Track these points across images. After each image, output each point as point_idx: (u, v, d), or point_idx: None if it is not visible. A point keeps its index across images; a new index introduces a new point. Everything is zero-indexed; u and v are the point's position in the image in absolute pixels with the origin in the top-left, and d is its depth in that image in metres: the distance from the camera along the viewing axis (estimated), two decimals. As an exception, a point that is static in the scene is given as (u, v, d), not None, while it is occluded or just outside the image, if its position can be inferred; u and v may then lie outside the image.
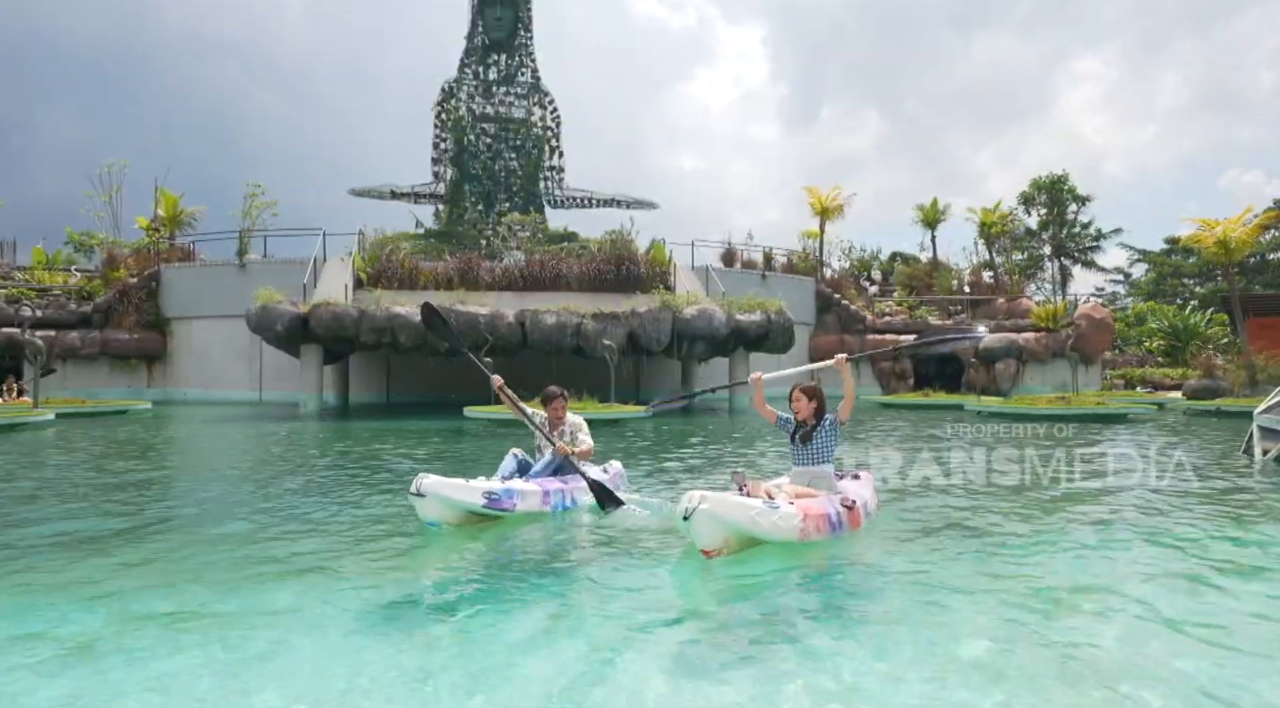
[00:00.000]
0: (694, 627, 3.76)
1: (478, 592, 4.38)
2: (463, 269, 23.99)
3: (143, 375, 26.65)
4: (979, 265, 38.10)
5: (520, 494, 6.08)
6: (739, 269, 30.36)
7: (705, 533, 4.67)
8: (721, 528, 4.69)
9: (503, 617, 3.93)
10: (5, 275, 29.59)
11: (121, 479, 8.83)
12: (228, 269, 26.94)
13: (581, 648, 3.44)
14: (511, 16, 32.26)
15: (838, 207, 35.89)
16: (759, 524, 4.78)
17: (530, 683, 3.06)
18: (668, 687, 3.02)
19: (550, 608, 4.06)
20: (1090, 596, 4.30)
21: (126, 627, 3.72)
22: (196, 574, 4.71)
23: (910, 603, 4.10)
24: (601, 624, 3.77)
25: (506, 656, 3.37)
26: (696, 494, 4.73)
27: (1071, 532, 5.88)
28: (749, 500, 4.88)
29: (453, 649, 3.46)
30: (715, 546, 4.71)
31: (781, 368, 26.84)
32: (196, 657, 3.33)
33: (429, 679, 3.10)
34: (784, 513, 4.91)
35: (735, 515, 4.72)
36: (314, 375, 21.07)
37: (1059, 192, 47.29)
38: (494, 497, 5.89)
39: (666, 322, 20.86)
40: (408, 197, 32.79)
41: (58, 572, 4.78)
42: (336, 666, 3.25)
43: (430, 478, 5.72)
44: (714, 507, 4.64)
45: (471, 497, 5.82)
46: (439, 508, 5.72)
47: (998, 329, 30.80)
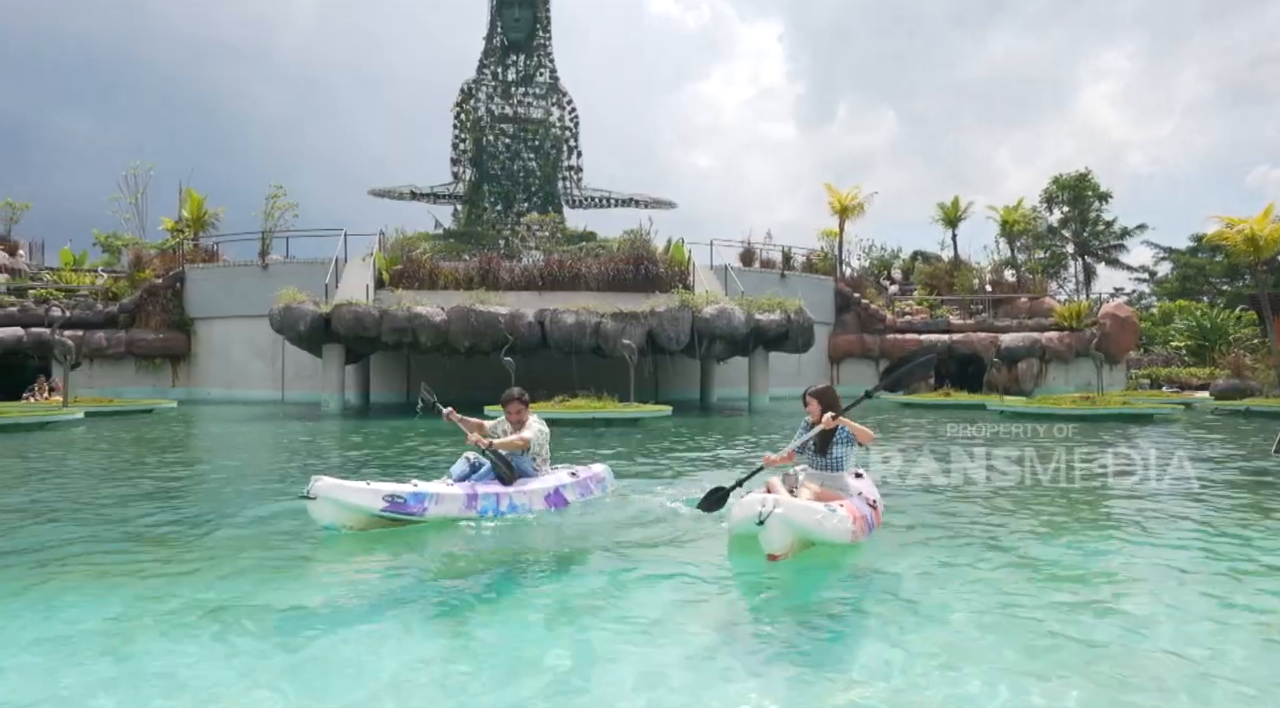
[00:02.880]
0: (726, 624, 3.75)
1: (482, 589, 4.38)
2: (482, 269, 24.10)
3: (168, 375, 26.98)
4: (1001, 264, 37.75)
5: (435, 498, 5.71)
6: (758, 268, 30.28)
7: (777, 537, 4.65)
8: (791, 532, 4.70)
9: (515, 613, 3.95)
10: (34, 276, 30.06)
11: (157, 476, 8.96)
12: (251, 270, 27.21)
13: (615, 646, 3.44)
14: (530, 17, 32.37)
15: (857, 205, 35.69)
16: (824, 527, 4.80)
17: (549, 679, 3.08)
18: (698, 686, 3.02)
19: (570, 603, 4.07)
20: (1122, 589, 4.26)
21: (156, 620, 3.78)
22: (221, 567, 4.77)
23: (942, 601, 4.07)
24: (635, 621, 3.76)
25: (530, 652, 3.39)
26: (769, 498, 4.72)
27: (1093, 529, 5.82)
28: (814, 505, 4.91)
29: (472, 645, 3.47)
30: (783, 549, 4.70)
31: (800, 367, 26.78)
32: (207, 647, 3.38)
33: (454, 674, 3.12)
34: (841, 517, 4.94)
35: (804, 519, 4.74)
36: (335, 375, 21.24)
37: (1082, 189, 46.78)
38: (397, 500, 5.51)
39: (685, 321, 20.84)
40: (427, 197, 32.97)
41: (113, 566, 4.86)
42: (386, 658, 3.29)
43: (325, 480, 5.40)
44: (787, 511, 4.64)
45: (370, 500, 5.44)
46: (335, 512, 5.38)
47: (1020, 328, 30.51)
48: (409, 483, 5.88)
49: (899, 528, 5.82)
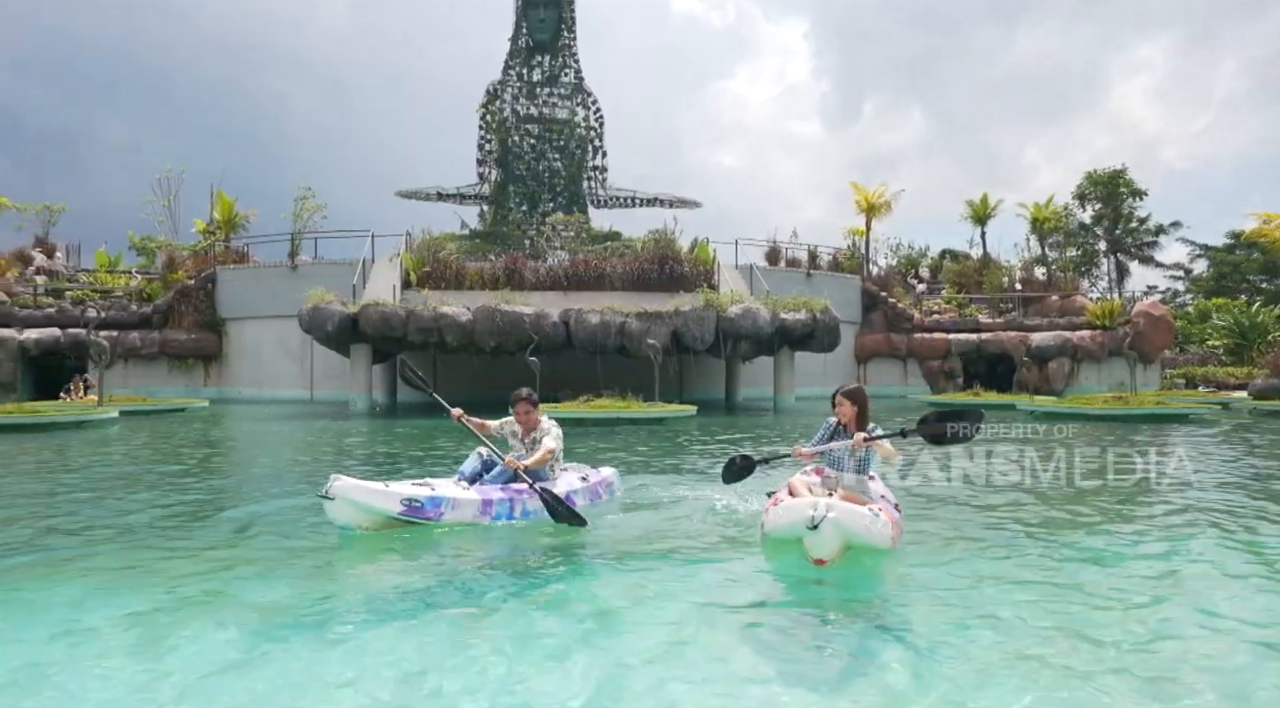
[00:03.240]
0: (755, 626, 3.71)
1: (508, 592, 4.36)
2: (508, 269, 24.20)
3: (199, 375, 27.38)
4: (1031, 262, 37.23)
5: (451, 502, 5.66)
6: (783, 268, 30.13)
7: (830, 543, 4.51)
8: (841, 536, 4.56)
9: (546, 614, 3.94)
10: (71, 278, 30.66)
11: (188, 474, 9.09)
12: (280, 270, 27.54)
13: (653, 643, 3.42)
14: (555, 18, 32.43)
15: (884, 203, 35.41)
16: (871, 532, 4.67)
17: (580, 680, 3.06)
18: (733, 688, 3.00)
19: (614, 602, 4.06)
20: (1156, 595, 4.16)
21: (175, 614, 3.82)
22: (248, 562, 4.82)
23: (973, 607, 4.00)
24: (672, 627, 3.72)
25: (555, 653, 3.37)
26: (821, 502, 4.56)
27: (1118, 531, 5.70)
28: (861, 509, 4.79)
29: (499, 645, 3.47)
30: (833, 554, 4.56)
31: (826, 367, 26.58)
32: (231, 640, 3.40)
33: (484, 670, 3.11)
34: (884, 522, 4.85)
35: (856, 523, 4.62)
36: (363, 375, 21.44)
37: (1115, 186, 45.97)
38: (415, 505, 5.48)
39: (710, 321, 20.78)
40: (453, 198, 33.18)
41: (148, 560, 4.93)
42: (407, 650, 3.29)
43: (343, 480, 5.37)
44: (840, 515, 4.50)
45: (387, 503, 5.41)
46: (352, 512, 5.35)
47: (1051, 327, 30.07)
48: (424, 485, 5.86)
49: (926, 533, 5.73)
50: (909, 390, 28.58)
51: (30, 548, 5.37)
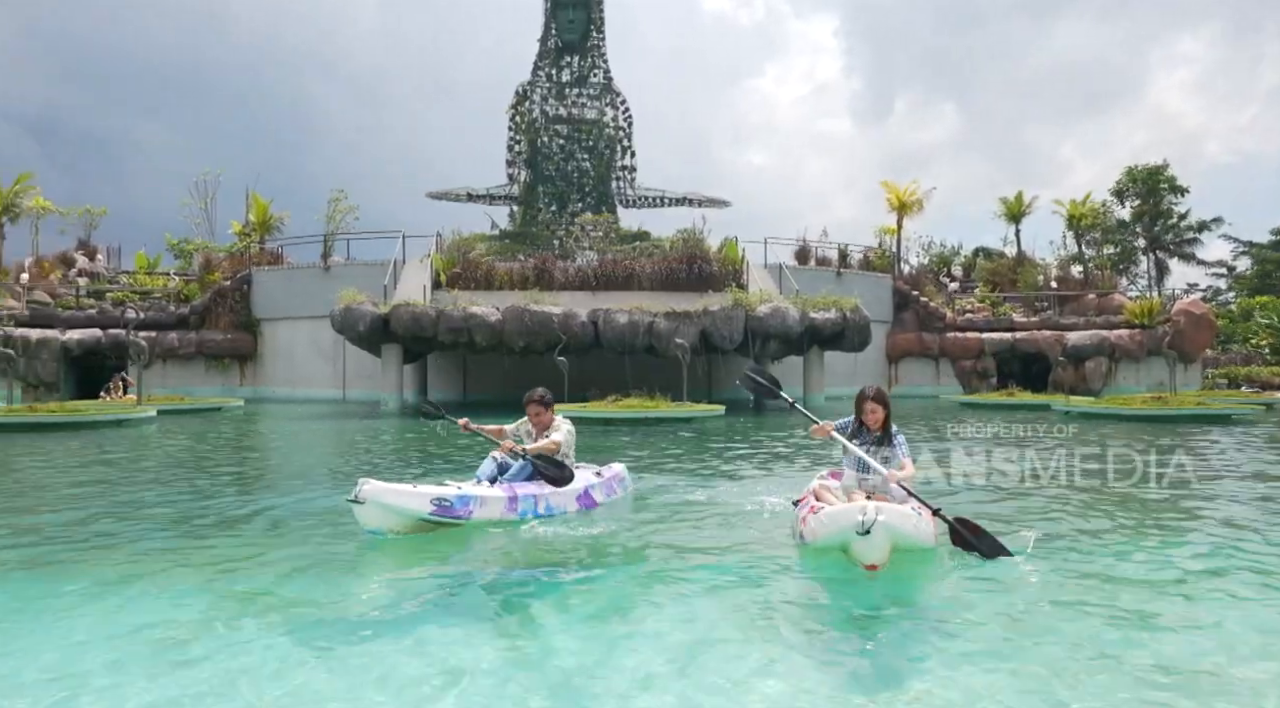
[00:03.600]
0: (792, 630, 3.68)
1: (538, 591, 4.37)
2: (537, 269, 24.31)
3: (235, 374, 27.84)
4: (1067, 260, 36.58)
5: (479, 501, 5.66)
6: (813, 266, 29.93)
7: (881, 547, 4.33)
8: (892, 540, 4.39)
9: (584, 616, 3.93)
10: (112, 280, 31.34)
11: (222, 472, 9.24)
12: (313, 271, 27.92)
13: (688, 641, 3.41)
14: (584, 18, 32.49)
15: (916, 201, 35.01)
16: (918, 532, 4.55)
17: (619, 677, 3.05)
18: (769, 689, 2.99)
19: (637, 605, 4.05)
20: (1178, 599, 4.05)
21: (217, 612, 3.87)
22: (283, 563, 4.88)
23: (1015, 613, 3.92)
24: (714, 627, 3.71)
25: (593, 654, 3.37)
26: (870, 506, 4.34)
27: (1139, 534, 5.56)
28: (905, 509, 4.68)
29: (533, 646, 3.47)
30: (884, 560, 4.36)
31: (856, 366, 26.37)
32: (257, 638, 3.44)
33: (519, 668, 3.12)
34: (926, 521, 4.76)
35: (904, 525, 4.49)
36: (394, 375, 21.65)
37: (1156, 182, 44.99)
38: (445, 504, 5.47)
39: (739, 320, 20.69)
40: (483, 199, 33.38)
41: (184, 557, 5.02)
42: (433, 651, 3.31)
43: (372, 483, 5.28)
44: (890, 518, 4.33)
45: (418, 504, 5.37)
46: (381, 516, 5.28)
47: (1087, 326, 29.54)
48: (451, 486, 5.85)
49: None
50: (941, 390, 28.23)
51: (69, 544, 5.48)
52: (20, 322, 25.72)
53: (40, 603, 4.11)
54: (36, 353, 25.07)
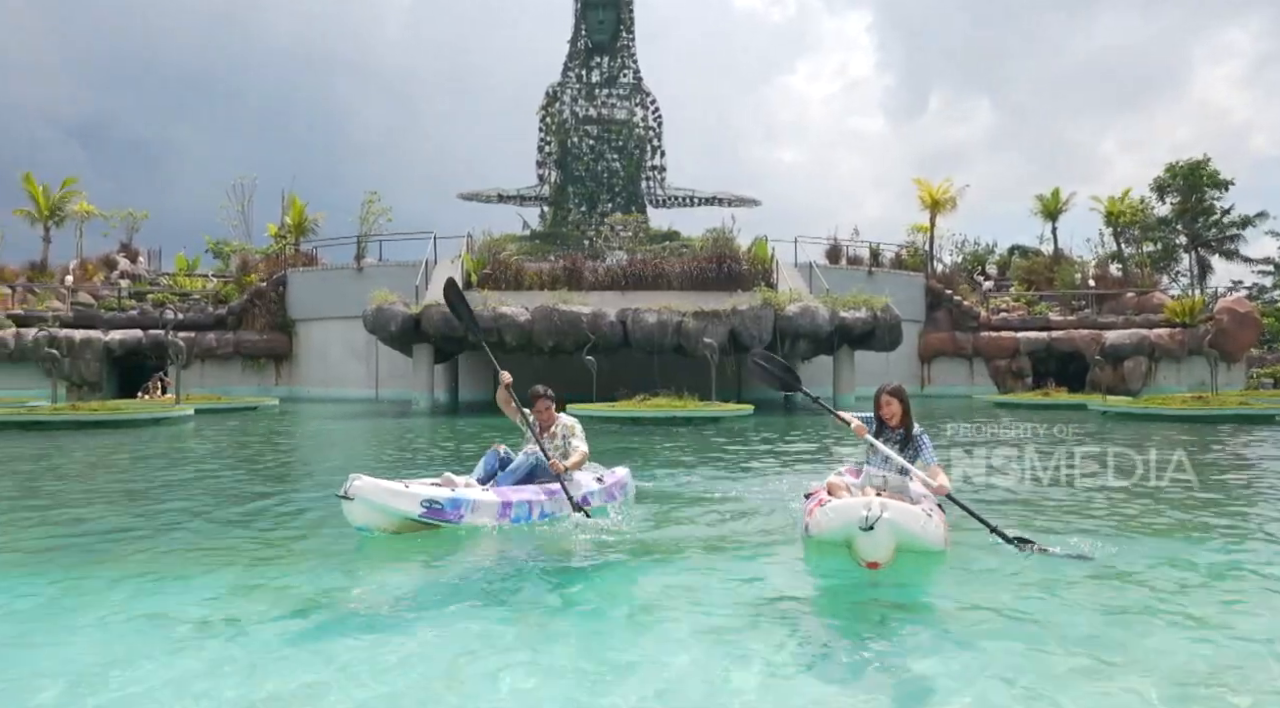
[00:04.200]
0: (795, 633, 3.63)
1: (539, 592, 4.33)
2: (566, 270, 24.41)
3: (271, 374, 28.32)
4: (1106, 258, 35.88)
5: (472, 505, 5.50)
6: (844, 265, 29.70)
7: (885, 544, 4.30)
8: (896, 538, 4.35)
9: (586, 615, 3.95)
10: (153, 282, 32.06)
11: (257, 469, 9.41)
12: (347, 272, 28.30)
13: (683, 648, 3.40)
14: (613, 19, 32.57)
15: (950, 199, 34.58)
16: (926, 532, 4.50)
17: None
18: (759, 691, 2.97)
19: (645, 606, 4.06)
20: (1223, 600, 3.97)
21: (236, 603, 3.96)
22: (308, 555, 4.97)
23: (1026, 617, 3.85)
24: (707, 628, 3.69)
25: (604, 654, 3.38)
26: (875, 502, 4.33)
27: (1149, 536, 5.43)
28: (915, 508, 4.63)
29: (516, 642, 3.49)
30: (887, 558, 4.34)
31: (888, 366, 26.17)
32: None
33: (504, 671, 3.14)
34: (936, 521, 4.66)
35: (911, 525, 4.44)
36: (425, 374, 21.87)
37: (1197, 178, 43.94)
38: (435, 506, 5.32)
39: (768, 319, 20.60)
40: (514, 199, 33.59)
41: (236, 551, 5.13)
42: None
43: (363, 480, 5.20)
44: (895, 516, 4.29)
45: (407, 504, 5.25)
46: (370, 514, 5.20)
47: (1126, 325, 28.97)
48: (446, 483, 5.80)
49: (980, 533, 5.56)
50: (975, 390, 27.86)
51: (101, 536, 5.63)
52: (65, 323, 26.42)
53: (73, 591, 4.24)
54: (80, 353, 25.72)
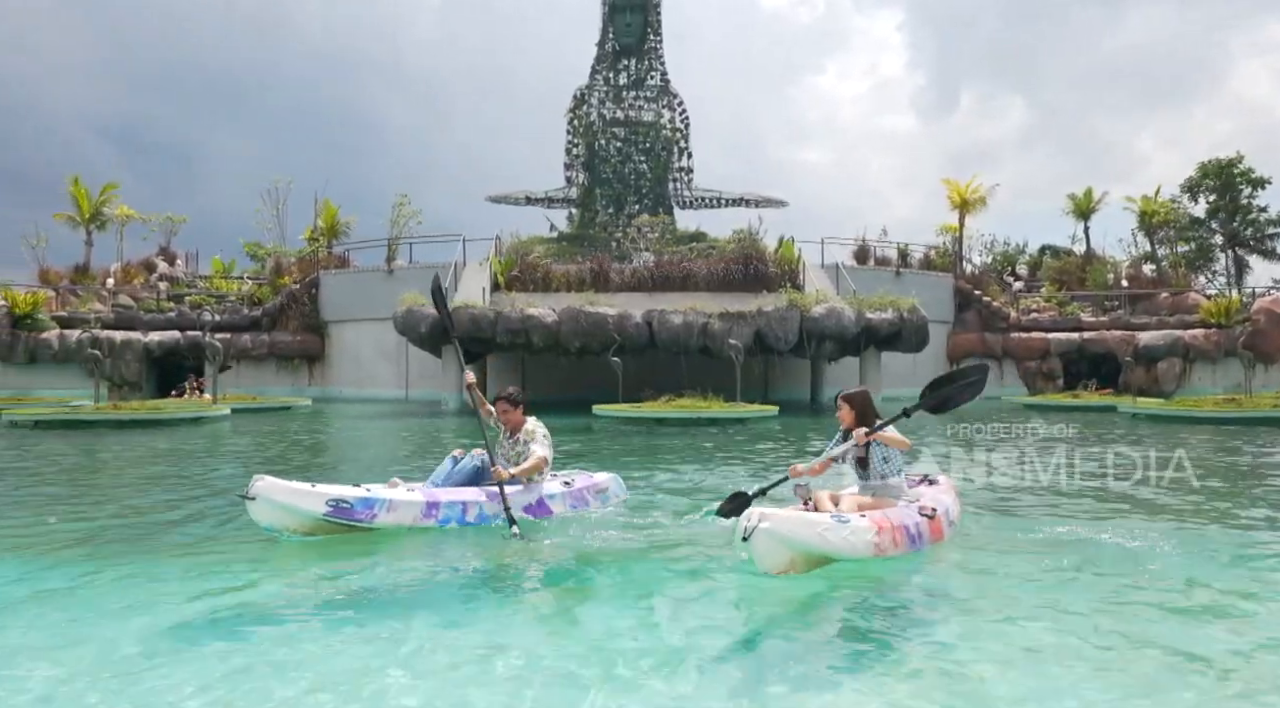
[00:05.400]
0: (737, 647, 3.52)
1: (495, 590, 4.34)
2: (593, 271, 24.61)
3: (304, 375, 28.83)
4: (1139, 258, 35.37)
5: (386, 504, 5.33)
6: (872, 266, 29.58)
7: (767, 554, 4.17)
8: (785, 548, 4.19)
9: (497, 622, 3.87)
10: (190, 284, 32.78)
11: (290, 465, 9.69)
12: (378, 275, 28.73)
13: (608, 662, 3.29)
14: (641, 22, 32.74)
15: (979, 199, 34.31)
16: (828, 541, 4.28)
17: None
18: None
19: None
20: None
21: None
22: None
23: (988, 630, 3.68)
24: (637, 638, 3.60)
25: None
26: (755, 511, 4.20)
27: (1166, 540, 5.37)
28: (814, 516, 4.46)
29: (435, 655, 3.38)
30: (779, 567, 4.21)
31: (916, 367, 26.10)
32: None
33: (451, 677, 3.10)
34: (855, 527, 4.41)
35: (800, 534, 4.22)
36: (454, 375, 22.14)
37: (1230, 177, 43.14)
38: (343, 506, 5.19)
39: (794, 321, 20.64)
40: (542, 202, 33.86)
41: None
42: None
43: (266, 480, 5.11)
44: (775, 525, 4.13)
45: (312, 504, 5.13)
46: (274, 514, 5.12)
47: (1160, 326, 28.57)
48: (412, 485, 5.73)
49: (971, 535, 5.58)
50: (1004, 392, 27.61)
51: (143, 528, 5.88)
52: (106, 324, 27.12)
53: (98, 583, 4.46)
54: (121, 354, 26.39)
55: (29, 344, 25.98)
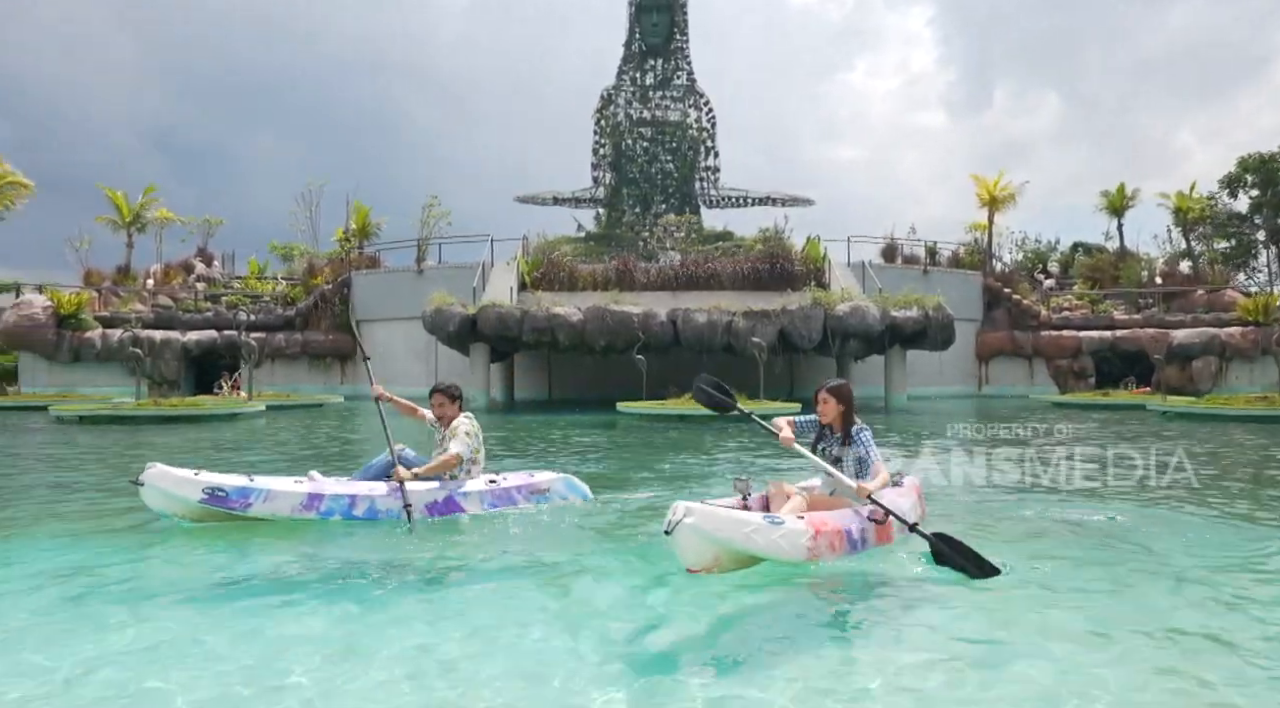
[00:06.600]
0: (650, 648, 3.48)
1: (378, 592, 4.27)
2: (619, 270, 24.82)
3: (336, 373, 29.40)
4: (1176, 255, 34.78)
5: (265, 495, 5.46)
6: (899, 265, 29.50)
7: (690, 550, 4.12)
8: (709, 545, 4.12)
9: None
10: (226, 285, 33.55)
11: (322, 461, 10.00)
12: (408, 275, 29.21)
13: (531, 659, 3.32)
14: (667, 22, 32.90)
15: (1008, 196, 33.97)
16: (754, 542, 4.18)
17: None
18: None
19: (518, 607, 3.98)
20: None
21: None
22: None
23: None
24: (553, 634, 3.62)
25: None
26: (681, 506, 4.12)
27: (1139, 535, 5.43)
28: (744, 515, 4.32)
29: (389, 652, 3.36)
30: (703, 564, 4.16)
31: (943, 366, 25.85)
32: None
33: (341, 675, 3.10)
34: (788, 530, 4.29)
35: (725, 532, 4.12)
36: (482, 373, 22.50)
37: (1272, 170, 42.21)
38: (218, 494, 5.36)
39: (818, 319, 20.68)
40: (569, 202, 34.17)
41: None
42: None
43: (156, 467, 5.38)
44: (699, 521, 4.06)
45: (189, 491, 5.35)
46: (161, 500, 5.40)
47: (1195, 324, 28.11)
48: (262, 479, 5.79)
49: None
50: (1034, 391, 27.38)
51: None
52: (146, 324, 27.87)
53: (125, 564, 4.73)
54: (161, 353, 27.11)
55: (74, 343, 26.80)
